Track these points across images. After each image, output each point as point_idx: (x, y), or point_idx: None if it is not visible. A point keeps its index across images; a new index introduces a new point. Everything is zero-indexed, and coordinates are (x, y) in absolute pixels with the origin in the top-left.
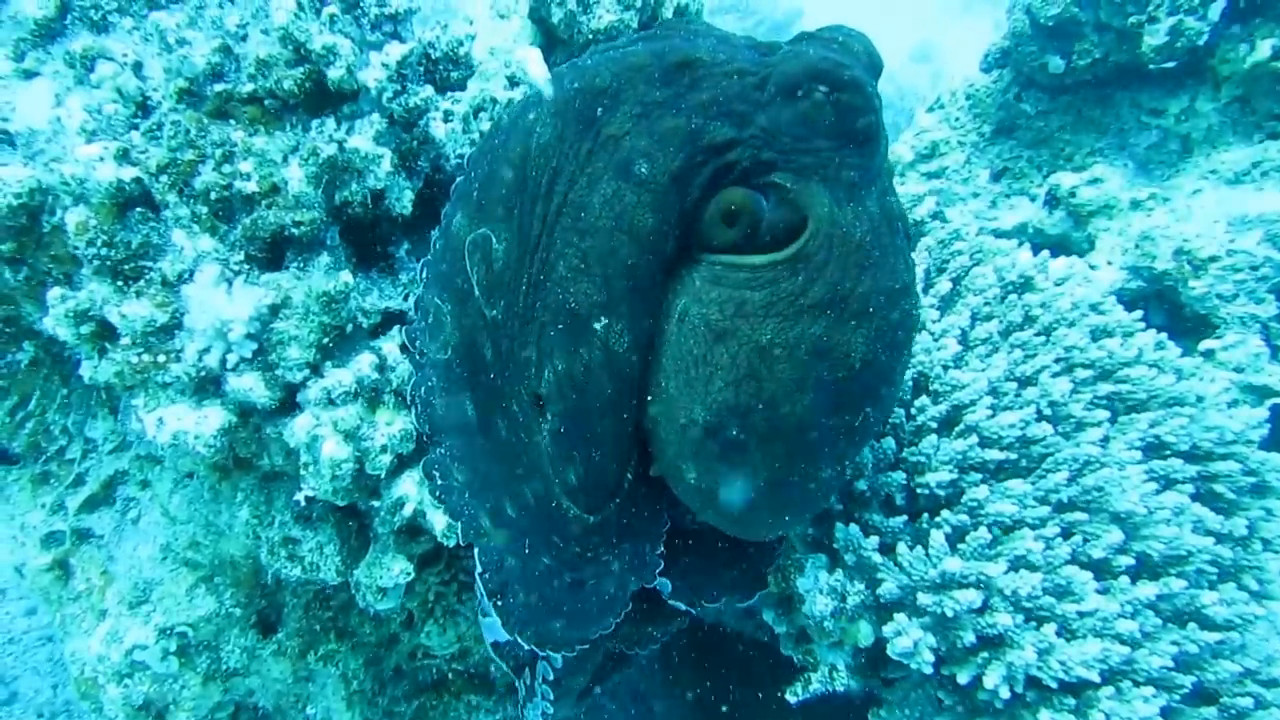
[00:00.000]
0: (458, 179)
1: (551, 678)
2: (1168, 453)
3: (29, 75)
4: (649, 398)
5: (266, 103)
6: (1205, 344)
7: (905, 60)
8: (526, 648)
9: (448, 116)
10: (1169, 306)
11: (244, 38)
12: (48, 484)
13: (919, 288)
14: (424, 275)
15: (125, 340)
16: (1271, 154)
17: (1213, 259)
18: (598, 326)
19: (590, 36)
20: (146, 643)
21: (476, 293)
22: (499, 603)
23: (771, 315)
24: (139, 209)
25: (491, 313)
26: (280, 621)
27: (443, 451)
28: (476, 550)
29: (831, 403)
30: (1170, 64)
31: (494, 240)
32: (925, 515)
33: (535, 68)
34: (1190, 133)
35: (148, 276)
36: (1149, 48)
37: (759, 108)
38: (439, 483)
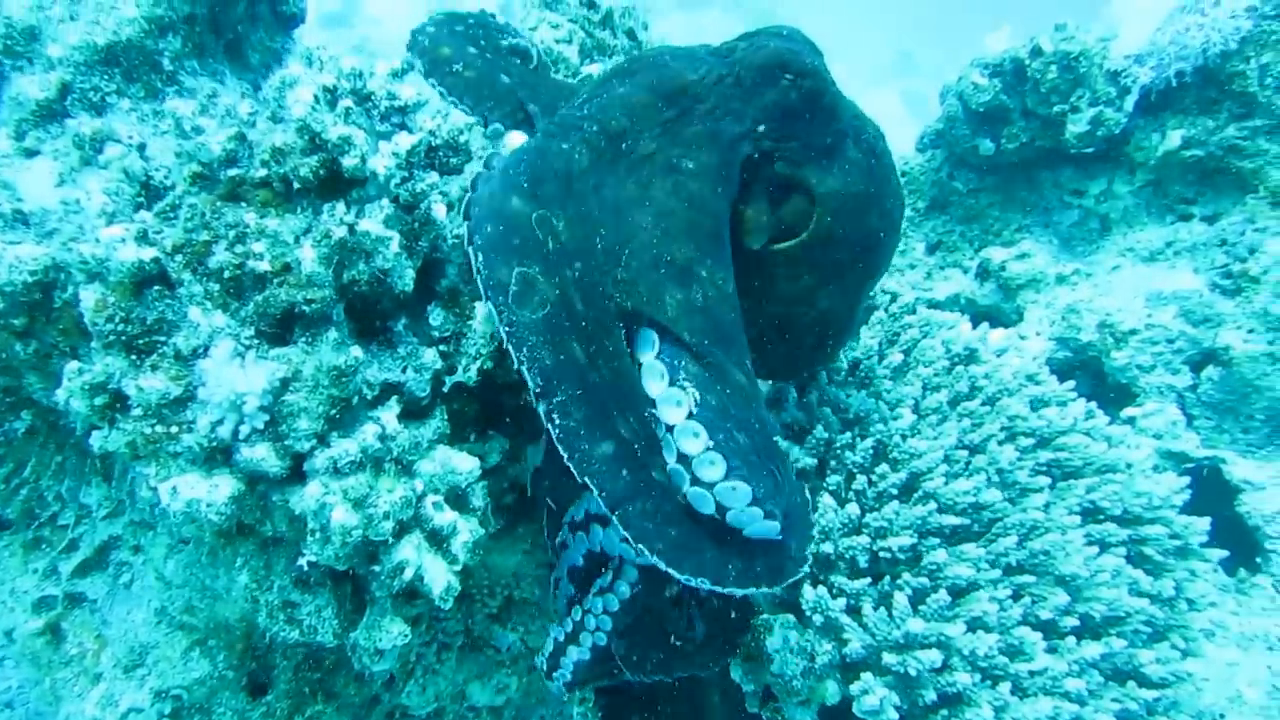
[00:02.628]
0: (480, 179)
1: (626, 595)
2: (1103, 517)
3: (30, 154)
4: None
5: (276, 186)
6: (1127, 411)
7: None
8: (651, 558)
9: (446, 198)
10: (1093, 376)
11: (253, 123)
12: (40, 549)
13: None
14: (480, 261)
15: (138, 411)
16: (1182, 235)
17: (1133, 332)
18: (703, 271)
19: None
20: (142, 706)
21: (554, 256)
22: (619, 513)
23: (821, 288)
24: (156, 287)
25: (569, 272)
26: (270, 683)
27: (561, 398)
28: (589, 478)
29: (866, 289)
30: (1090, 149)
31: (554, 219)
32: (888, 578)
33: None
34: (1109, 212)
35: (161, 351)
36: (1072, 135)
37: (746, 102)
38: (559, 423)
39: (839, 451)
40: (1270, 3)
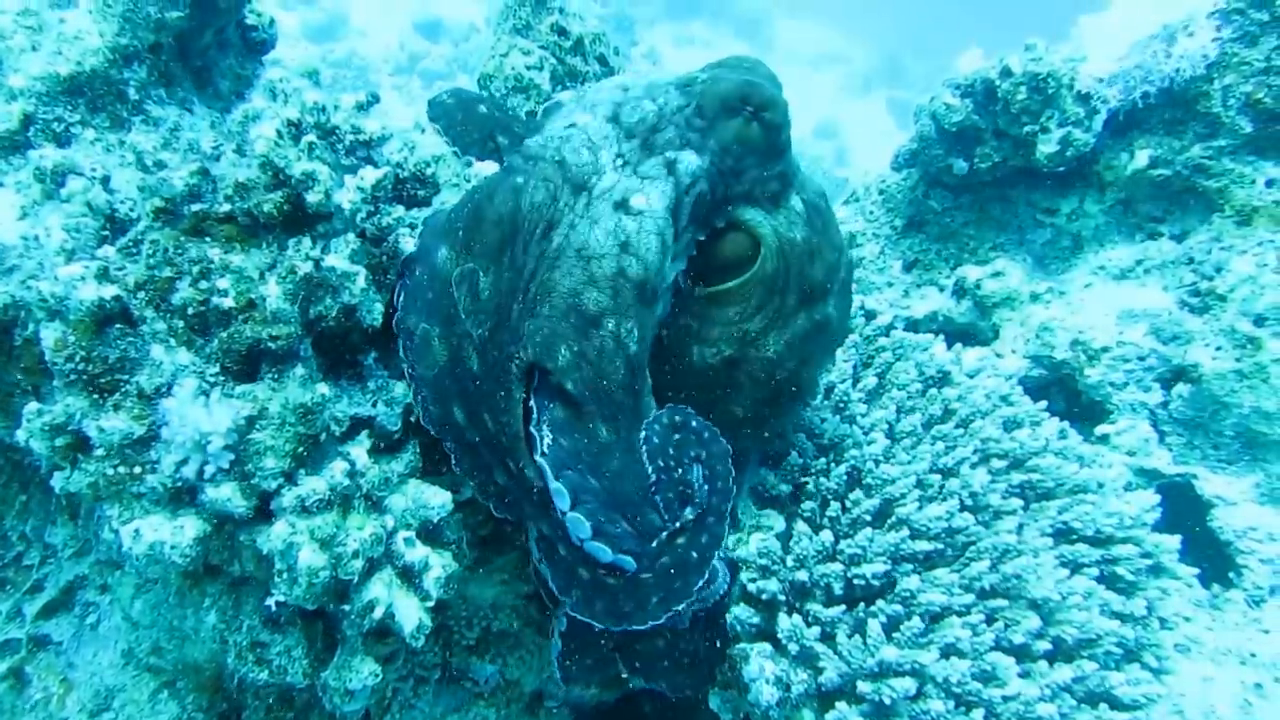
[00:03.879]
0: (432, 216)
1: (564, 627)
2: (1075, 537)
3: None
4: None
5: (241, 221)
6: (1100, 429)
7: (810, 136)
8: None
9: (414, 229)
10: (1068, 393)
11: (218, 157)
12: (3, 590)
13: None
14: (401, 300)
15: (100, 452)
16: (1152, 253)
17: (1105, 350)
18: (609, 323)
19: None
20: None
21: (463, 316)
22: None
23: (770, 331)
24: (117, 325)
25: (478, 331)
26: None
27: (450, 446)
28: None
29: (823, 352)
30: (1061, 169)
31: (481, 275)
32: (862, 605)
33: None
34: (1080, 231)
35: (124, 389)
36: (1043, 154)
37: (706, 133)
38: (454, 464)
39: (814, 477)
40: (1232, 25)
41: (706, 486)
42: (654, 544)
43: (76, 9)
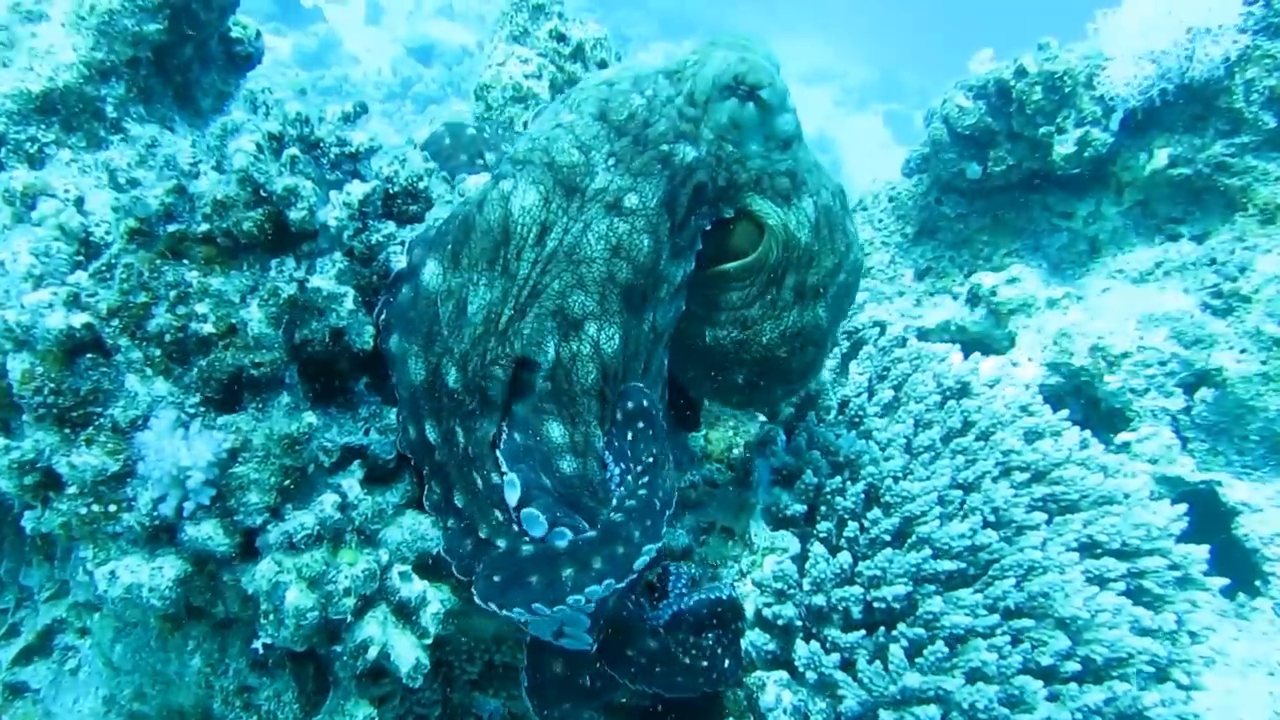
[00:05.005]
0: (420, 230)
1: (528, 682)
2: (1100, 551)
3: None
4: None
5: (221, 242)
6: (1122, 436)
7: None
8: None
9: (405, 247)
10: (1086, 401)
11: (196, 174)
12: None
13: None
14: (382, 318)
15: (72, 490)
16: (1172, 255)
17: (1125, 355)
18: (591, 328)
19: None
20: None
21: (445, 332)
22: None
23: (766, 320)
24: (89, 354)
25: (460, 346)
26: None
27: (424, 470)
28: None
29: (815, 348)
30: (1078, 170)
31: (470, 288)
32: (882, 629)
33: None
34: (1098, 234)
35: (97, 423)
36: (1059, 156)
37: (701, 121)
38: (427, 493)
39: (829, 497)
40: (1253, 17)
41: (644, 446)
42: (614, 500)
43: (49, 22)
